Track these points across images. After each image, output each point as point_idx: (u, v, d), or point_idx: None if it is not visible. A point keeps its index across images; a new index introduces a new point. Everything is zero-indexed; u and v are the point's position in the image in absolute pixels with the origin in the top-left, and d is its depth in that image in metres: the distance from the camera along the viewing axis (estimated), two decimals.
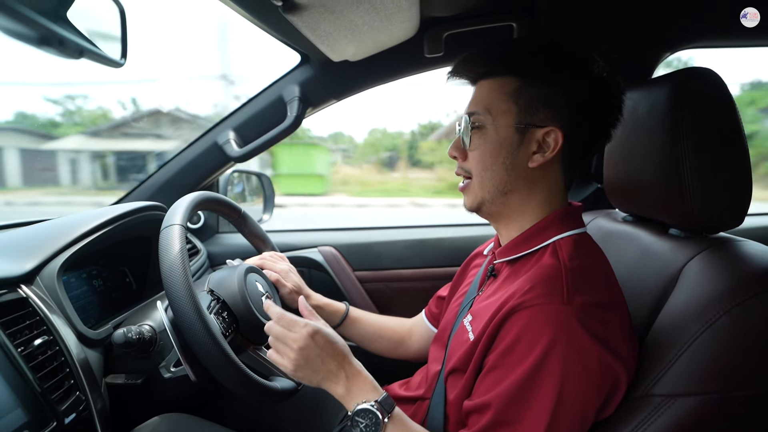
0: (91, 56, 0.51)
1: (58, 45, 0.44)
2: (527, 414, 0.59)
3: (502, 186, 0.72)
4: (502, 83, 0.70)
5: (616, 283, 0.70)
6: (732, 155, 0.69)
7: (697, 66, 0.73)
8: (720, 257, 0.67)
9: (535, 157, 0.70)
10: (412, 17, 0.93)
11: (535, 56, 0.70)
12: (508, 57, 0.71)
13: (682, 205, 0.71)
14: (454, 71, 0.76)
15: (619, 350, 0.62)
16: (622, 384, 0.63)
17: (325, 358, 0.69)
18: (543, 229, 0.72)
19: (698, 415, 0.59)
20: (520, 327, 0.61)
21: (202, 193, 0.90)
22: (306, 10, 0.75)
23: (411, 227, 1.57)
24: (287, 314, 0.71)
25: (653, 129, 0.74)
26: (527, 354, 0.60)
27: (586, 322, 0.60)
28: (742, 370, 0.60)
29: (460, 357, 0.71)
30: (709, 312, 0.61)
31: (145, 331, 0.84)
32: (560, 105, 0.68)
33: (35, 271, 0.79)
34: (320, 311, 1.01)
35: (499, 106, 0.70)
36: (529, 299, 0.62)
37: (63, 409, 0.68)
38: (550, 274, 0.64)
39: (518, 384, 0.60)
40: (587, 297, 0.62)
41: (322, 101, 1.27)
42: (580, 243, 0.70)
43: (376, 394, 0.68)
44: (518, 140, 0.70)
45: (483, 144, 0.72)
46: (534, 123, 0.69)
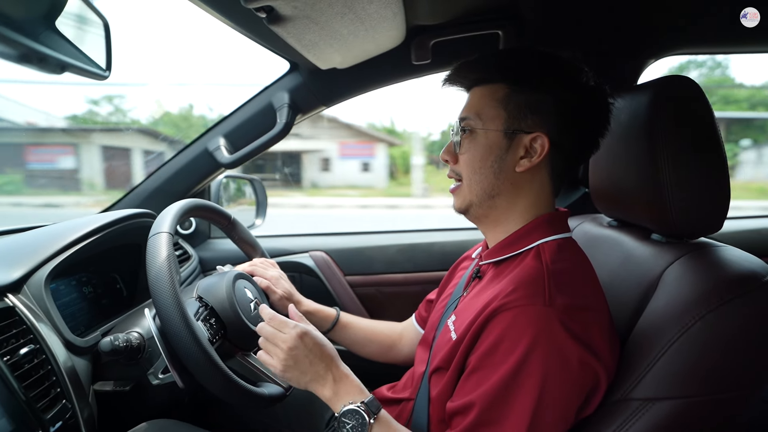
0: (74, 70, 0.52)
1: (38, 62, 0.45)
2: (510, 413, 0.60)
3: (490, 189, 0.74)
4: (493, 90, 0.73)
5: (598, 287, 0.71)
6: (710, 162, 0.70)
7: (676, 74, 0.75)
8: (698, 263, 0.68)
9: (522, 162, 0.72)
10: (397, 26, 0.94)
11: (524, 64, 0.73)
12: (498, 64, 0.74)
13: (663, 211, 0.72)
14: (449, 78, 0.78)
15: (600, 351, 0.63)
16: (602, 384, 0.64)
17: (314, 359, 0.71)
18: (528, 232, 0.74)
19: (674, 419, 0.61)
20: (502, 328, 0.63)
21: (191, 201, 0.91)
22: (290, 22, 0.76)
23: (401, 232, 1.58)
24: (278, 315, 0.73)
25: (635, 136, 0.75)
26: (509, 354, 0.61)
27: (567, 324, 0.61)
28: (715, 374, 0.61)
29: (443, 356, 0.72)
30: (685, 317, 0.62)
31: (133, 339, 0.84)
32: (548, 112, 0.70)
33: (22, 280, 0.80)
34: (311, 317, 1.02)
35: (489, 112, 0.73)
36: (512, 301, 0.63)
37: (49, 417, 0.68)
38: (533, 276, 0.66)
39: (501, 384, 0.61)
40: (568, 299, 0.63)
41: (311, 108, 1.28)
42: (564, 247, 0.72)
43: (363, 396, 0.69)
44: (506, 145, 0.72)
45: (473, 148, 0.74)
46: (522, 128, 0.71)
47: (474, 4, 1.02)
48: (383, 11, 0.83)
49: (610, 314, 0.69)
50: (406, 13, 0.91)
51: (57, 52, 0.50)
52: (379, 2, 0.78)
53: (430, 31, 1.10)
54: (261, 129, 1.24)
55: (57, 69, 0.48)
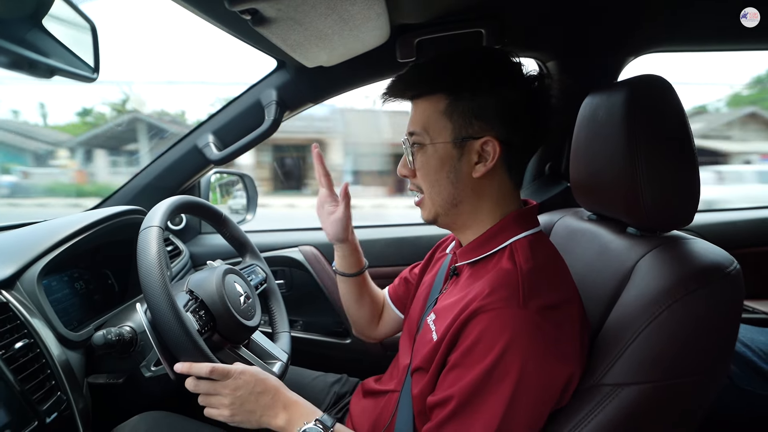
0: (63, 74, 0.53)
1: (28, 68, 0.47)
2: (484, 407, 0.64)
3: (451, 199, 0.76)
4: (434, 102, 0.73)
5: (569, 280, 0.74)
6: (681, 159, 0.72)
7: (650, 74, 0.77)
8: (668, 255, 0.71)
9: (477, 167, 0.73)
10: (381, 25, 0.96)
11: (458, 72, 0.73)
12: (432, 77, 0.74)
13: (636, 205, 0.75)
14: (388, 94, 0.78)
15: (572, 347, 0.67)
16: (575, 377, 0.67)
17: (258, 395, 0.73)
18: (499, 231, 0.76)
19: (641, 403, 0.64)
20: (480, 329, 0.65)
21: (182, 197, 0.92)
22: (275, 23, 0.78)
23: (389, 226, 1.61)
24: (218, 366, 0.73)
25: (611, 132, 0.78)
26: (486, 354, 0.64)
27: (541, 324, 0.64)
28: (680, 360, 0.64)
29: (423, 356, 0.75)
30: (654, 307, 0.65)
31: (125, 333, 0.86)
32: (492, 115, 0.71)
33: (15, 276, 0.81)
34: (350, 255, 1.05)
35: (434, 125, 0.73)
36: (489, 303, 0.66)
37: (44, 408, 0.71)
38: (508, 279, 0.68)
39: (477, 380, 0.64)
40: (542, 300, 0.66)
41: (299, 105, 1.29)
42: (535, 244, 0.74)
43: (316, 414, 0.74)
44: (458, 154, 0.73)
45: (426, 162, 0.75)
46: (470, 135, 0.72)
47: (456, 3, 1.04)
48: (367, 12, 0.84)
49: (582, 305, 0.72)
50: (390, 13, 0.92)
51: (45, 56, 0.51)
52: (363, 3, 0.80)
53: (415, 30, 1.12)
54: (250, 126, 1.25)
55: (47, 74, 0.50)
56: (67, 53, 0.58)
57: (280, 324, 1.11)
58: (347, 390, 1.13)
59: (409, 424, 0.77)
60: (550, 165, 1.39)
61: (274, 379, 0.76)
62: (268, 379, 0.75)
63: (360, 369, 1.26)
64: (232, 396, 0.73)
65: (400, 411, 0.81)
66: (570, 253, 0.94)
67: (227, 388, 0.73)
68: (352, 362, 1.48)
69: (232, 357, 0.89)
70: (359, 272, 1.08)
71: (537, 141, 0.77)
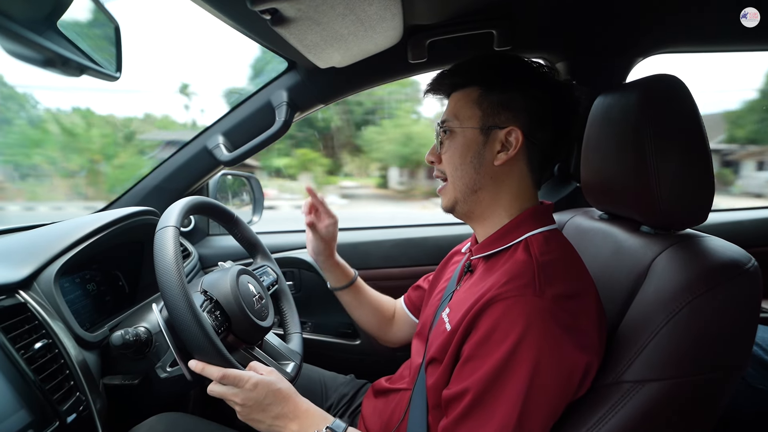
0: (91, 72, 0.54)
1: (61, 65, 0.47)
2: (502, 398, 0.64)
3: (472, 184, 0.79)
4: (468, 93, 0.79)
5: (585, 273, 0.75)
6: (695, 157, 0.73)
7: (663, 73, 0.78)
8: (684, 253, 0.72)
9: (499, 156, 0.77)
10: (395, 26, 0.96)
11: (494, 67, 0.79)
12: (471, 70, 0.80)
13: (650, 204, 0.75)
14: (430, 88, 0.85)
15: (589, 337, 0.67)
16: (592, 368, 0.68)
17: (267, 406, 0.75)
18: (515, 226, 0.78)
19: (663, 399, 0.64)
20: (495, 318, 0.66)
21: (196, 198, 0.92)
22: (294, 23, 0.78)
23: (397, 227, 1.61)
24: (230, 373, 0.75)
25: (624, 132, 0.78)
26: (501, 343, 0.64)
27: (557, 313, 0.65)
28: (700, 356, 0.65)
29: (438, 346, 0.76)
30: (673, 304, 0.66)
31: (141, 333, 0.86)
32: (519, 108, 0.76)
33: (32, 277, 0.81)
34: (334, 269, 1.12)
35: (465, 112, 0.79)
36: (504, 292, 0.67)
37: (64, 409, 0.70)
38: (523, 269, 0.69)
39: (493, 370, 0.64)
40: (557, 289, 0.67)
41: (309, 106, 1.30)
42: (550, 239, 0.76)
43: (327, 421, 0.75)
44: (483, 140, 0.77)
45: (453, 146, 0.80)
46: (496, 124, 0.77)
47: (468, 4, 1.05)
48: (383, 12, 0.85)
49: (598, 298, 0.73)
50: (404, 14, 0.93)
51: (74, 55, 0.52)
52: (379, 3, 0.81)
53: (427, 31, 1.12)
54: (260, 127, 1.26)
55: (77, 72, 0.50)
56: (92, 52, 0.59)
57: (291, 325, 1.11)
58: (353, 391, 1.13)
59: (423, 421, 0.78)
60: (558, 166, 1.39)
61: (285, 389, 0.77)
62: (279, 391, 0.76)
63: (369, 370, 1.26)
64: (241, 406, 0.75)
65: (412, 408, 0.81)
66: (583, 252, 0.94)
67: (237, 397, 0.74)
68: (362, 363, 1.47)
69: (247, 358, 0.89)
70: (350, 283, 1.13)
71: (559, 144, 0.80)
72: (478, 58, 0.81)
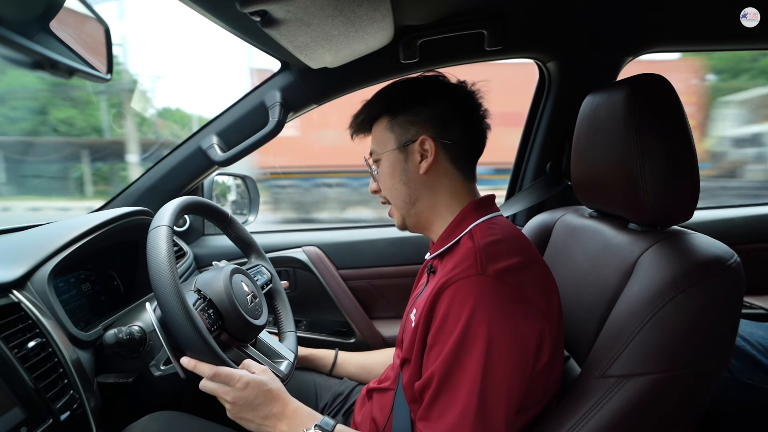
0: (81, 74, 0.54)
1: (50, 68, 0.48)
2: (463, 375, 0.66)
3: (408, 197, 0.85)
4: (380, 123, 0.87)
5: (529, 248, 0.79)
6: (681, 156, 0.74)
7: (649, 73, 0.79)
8: (669, 249, 0.73)
9: (422, 165, 0.83)
10: (386, 27, 0.97)
11: (392, 95, 0.87)
12: (375, 105, 0.88)
13: (638, 201, 0.76)
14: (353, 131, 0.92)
15: (537, 305, 0.70)
16: (546, 334, 0.70)
17: (257, 406, 0.77)
18: (460, 222, 0.83)
19: (648, 393, 0.65)
20: (447, 302, 0.70)
21: (190, 198, 0.93)
22: (284, 24, 0.79)
23: (391, 225, 1.62)
24: (221, 371, 0.77)
25: (612, 130, 0.79)
26: (456, 324, 0.68)
27: (502, 287, 0.69)
28: (684, 350, 0.66)
29: (407, 345, 0.80)
30: (658, 299, 0.67)
31: (134, 332, 0.87)
32: (424, 119, 0.83)
33: (26, 277, 0.82)
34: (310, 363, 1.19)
35: (382, 141, 0.87)
36: (452, 277, 0.71)
37: (58, 407, 0.71)
38: (467, 254, 0.74)
39: (452, 351, 0.67)
40: (499, 264, 0.71)
41: (302, 106, 1.30)
42: (493, 223, 0.80)
43: (316, 419, 0.77)
44: (404, 157, 0.84)
45: (382, 172, 0.88)
46: (409, 139, 0.83)
47: (459, 5, 1.06)
48: (372, 13, 0.86)
49: (543, 267, 0.78)
50: (395, 15, 0.94)
51: (63, 56, 0.52)
52: (369, 5, 0.81)
53: (418, 31, 1.13)
54: (254, 127, 1.26)
55: (66, 74, 0.51)
56: (80, 54, 0.59)
57: (286, 324, 1.12)
58: (347, 390, 1.14)
59: (407, 418, 0.80)
60: (550, 164, 1.41)
61: (276, 390, 0.79)
62: (270, 391, 0.78)
63: None
64: (231, 404, 0.77)
65: (396, 407, 0.84)
66: (572, 249, 0.96)
67: (228, 395, 0.76)
68: None
69: (241, 356, 0.90)
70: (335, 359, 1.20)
71: (474, 138, 0.86)
72: (380, 93, 0.89)
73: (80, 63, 0.56)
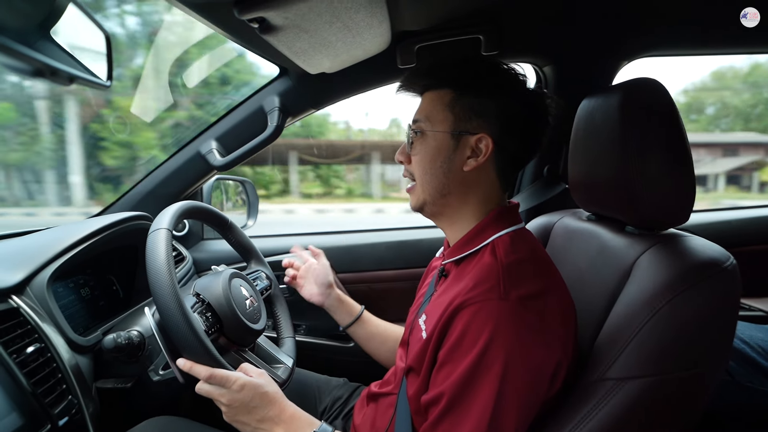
0: (81, 81, 0.55)
1: (50, 75, 0.48)
2: (475, 399, 0.65)
3: (441, 188, 0.79)
4: (441, 95, 0.79)
5: (552, 270, 0.76)
6: (676, 159, 0.74)
7: (644, 77, 0.80)
8: (666, 252, 0.73)
9: (469, 162, 0.77)
10: (383, 32, 0.98)
11: (468, 72, 0.79)
12: (444, 72, 0.80)
13: (634, 204, 0.77)
14: (402, 85, 0.84)
15: (557, 336, 0.69)
16: (562, 366, 0.69)
17: (253, 409, 0.76)
18: (482, 229, 0.79)
19: (646, 395, 0.65)
20: (464, 323, 0.67)
21: (190, 202, 0.93)
22: (281, 31, 0.80)
23: (390, 230, 1.62)
24: (217, 373, 0.76)
25: (607, 134, 0.80)
26: (472, 347, 0.66)
27: (523, 315, 0.66)
28: (681, 352, 0.66)
29: (415, 355, 0.77)
30: (655, 301, 0.67)
31: (133, 336, 0.87)
32: (490, 115, 0.76)
33: (25, 282, 0.82)
34: (340, 306, 1.14)
35: (437, 115, 0.78)
36: (471, 297, 0.68)
37: (56, 412, 0.71)
38: (489, 273, 0.71)
39: (465, 374, 0.66)
40: (523, 290, 0.68)
41: (301, 111, 1.31)
42: (516, 239, 0.77)
43: (314, 426, 0.76)
44: (453, 146, 0.77)
45: (423, 149, 0.80)
46: (467, 130, 0.77)
47: (456, 10, 1.07)
48: (369, 19, 0.86)
49: (565, 294, 0.75)
50: (392, 20, 0.95)
51: (63, 64, 0.53)
52: (366, 11, 0.82)
53: (415, 37, 1.14)
54: (252, 132, 1.27)
55: (66, 81, 0.51)
56: (80, 61, 0.60)
57: (284, 329, 1.12)
58: (347, 394, 1.14)
59: (408, 425, 0.79)
60: (548, 167, 1.41)
61: (272, 393, 0.78)
62: (266, 394, 0.77)
63: (363, 373, 1.27)
64: (227, 406, 0.75)
65: (398, 413, 0.82)
66: (570, 253, 0.96)
67: (224, 397, 0.75)
68: (355, 366, 1.48)
69: (239, 360, 0.90)
70: (358, 317, 1.15)
71: (528, 151, 0.82)
72: (454, 60, 0.81)
73: (81, 70, 0.57)
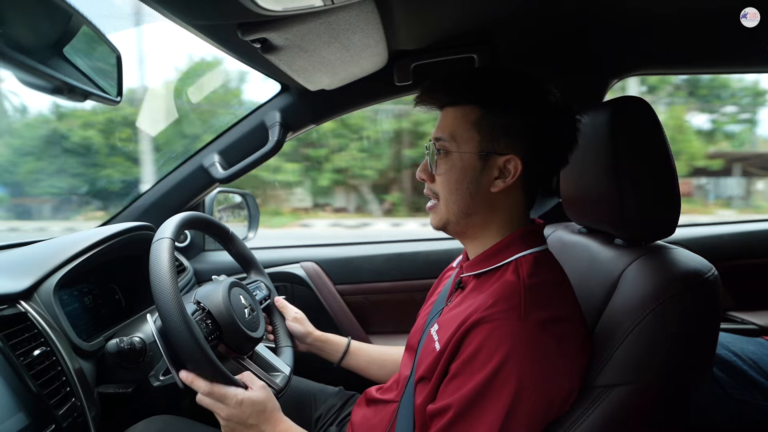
0: (94, 98, 0.59)
1: (68, 92, 0.52)
2: (483, 416, 0.65)
3: (466, 208, 0.76)
4: (466, 112, 0.74)
5: (572, 297, 0.76)
6: (661, 174, 0.78)
7: (631, 95, 0.83)
8: (651, 263, 0.76)
9: (496, 183, 0.74)
10: (380, 52, 1.03)
11: (494, 87, 0.75)
12: (469, 87, 0.76)
13: (622, 218, 0.79)
14: (421, 100, 0.80)
15: (573, 364, 0.68)
16: (573, 394, 0.69)
17: (249, 426, 0.78)
18: (506, 246, 0.77)
19: (630, 402, 0.67)
20: (481, 339, 0.66)
21: (192, 213, 0.96)
22: (282, 50, 0.84)
23: (388, 242, 1.65)
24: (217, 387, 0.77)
25: (597, 150, 0.83)
26: (486, 363, 0.64)
27: (541, 338, 0.65)
28: (664, 361, 0.68)
29: (427, 365, 0.76)
30: (639, 311, 0.69)
31: (135, 342, 0.90)
32: (519, 134, 0.73)
33: (33, 288, 0.85)
34: (323, 345, 1.12)
35: (463, 134, 0.74)
36: (490, 314, 0.67)
37: (60, 414, 0.74)
38: (510, 291, 0.69)
39: (476, 389, 0.65)
40: (543, 313, 0.67)
41: (301, 126, 1.36)
42: (540, 260, 0.75)
43: None
44: (481, 167, 0.74)
45: (449, 169, 0.76)
46: (495, 151, 0.73)
47: (450, 30, 1.11)
48: (366, 39, 0.91)
49: (584, 322, 0.74)
50: (388, 40, 0.99)
51: (77, 81, 0.57)
52: (363, 32, 0.87)
53: (411, 56, 1.19)
54: (254, 146, 1.31)
55: (81, 98, 0.55)
56: (91, 77, 0.64)
57: (283, 338, 1.14)
58: (342, 402, 1.14)
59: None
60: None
61: (270, 409, 0.79)
62: (264, 411, 0.78)
63: (358, 382, 1.28)
64: (225, 420, 0.77)
65: (399, 421, 0.82)
66: (563, 265, 0.98)
67: (222, 411, 0.77)
68: (351, 375, 1.49)
69: (238, 368, 0.92)
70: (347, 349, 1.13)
71: (556, 165, 0.80)
72: (478, 74, 0.78)
73: (93, 87, 0.61)
